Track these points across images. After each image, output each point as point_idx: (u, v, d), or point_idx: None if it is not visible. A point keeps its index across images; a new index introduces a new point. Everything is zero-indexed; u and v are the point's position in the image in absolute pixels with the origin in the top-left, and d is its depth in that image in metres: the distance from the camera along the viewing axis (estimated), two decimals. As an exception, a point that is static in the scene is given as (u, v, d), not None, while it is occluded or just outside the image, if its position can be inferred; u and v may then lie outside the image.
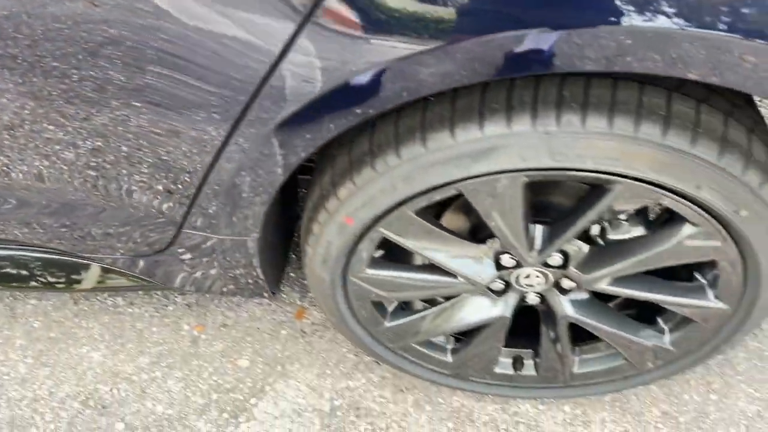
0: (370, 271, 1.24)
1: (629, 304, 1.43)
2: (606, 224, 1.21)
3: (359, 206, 1.08)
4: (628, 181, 0.97)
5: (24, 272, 1.42)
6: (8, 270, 1.41)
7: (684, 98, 0.95)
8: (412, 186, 1.03)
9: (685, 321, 1.28)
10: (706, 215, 1.02)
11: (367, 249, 1.18)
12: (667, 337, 1.32)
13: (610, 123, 0.92)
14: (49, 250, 1.34)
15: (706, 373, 1.63)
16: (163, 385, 1.60)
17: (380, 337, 1.40)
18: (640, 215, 1.22)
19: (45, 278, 1.43)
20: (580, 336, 1.43)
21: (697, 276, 1.21)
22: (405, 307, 1.41)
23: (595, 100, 0.92)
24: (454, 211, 1.30)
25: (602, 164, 0.95)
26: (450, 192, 1.05)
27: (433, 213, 1.32)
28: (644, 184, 0.97)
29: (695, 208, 1.01)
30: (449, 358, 1.46)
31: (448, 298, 1.35)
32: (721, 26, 0.77)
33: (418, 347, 1.44)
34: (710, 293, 1.19)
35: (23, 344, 1.66)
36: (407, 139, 1.00)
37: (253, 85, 0.89)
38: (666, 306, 1.24)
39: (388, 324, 1.37)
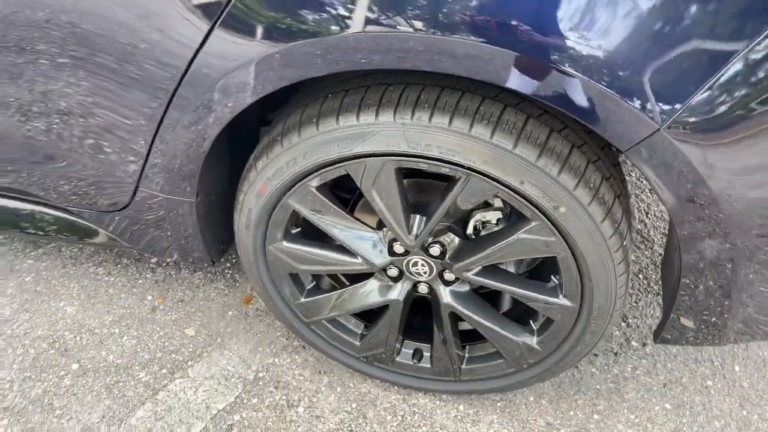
0: (286, 244, 1.51)
1: (513, 312, 1.65)
2: (480, 225, 1.46)
3: (271, 176, 1.37)
4: (468, 171, 1.23)
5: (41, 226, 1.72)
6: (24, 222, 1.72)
7: (516, 111, 1.22)
8: (308, 160, 1.31)
9: (549, 322, 1.49)
10: (535, 210, 1.26)
11: (281, 219, 1.45)
12: (535, 338, 1.53)
13: (450, 121, 1.20)
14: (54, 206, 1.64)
15: (594, 396, 1.80)
16: (119, 340, 1.87)
17: (296, 310, 1.65)
18: (510, 218, 1.47)
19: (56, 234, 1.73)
20: (472, 338, 1.65)
21: (553, 277, 1.43)
22: (320, 287, 1.66)
23: (443, 103, 1.21)
24: (366, 202, 1.57)
25: (446, 154, 1.22)
26: (340, 171, 1.33)
27: (350, 204, 1.60)
28: (481, 176, 1.24)
29: (526, 203, 1.26)
30: (357, 341, 1.69)
31: (353, 283, 1.60)
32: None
33: (332, 327, 1.68)
34: (560, 292, 1.41)
35: (13, 293, 1.96)
36: (307, 124, 1.30)
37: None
38: (526, 301, 1.46)
39: (303, 299, 1.62)
